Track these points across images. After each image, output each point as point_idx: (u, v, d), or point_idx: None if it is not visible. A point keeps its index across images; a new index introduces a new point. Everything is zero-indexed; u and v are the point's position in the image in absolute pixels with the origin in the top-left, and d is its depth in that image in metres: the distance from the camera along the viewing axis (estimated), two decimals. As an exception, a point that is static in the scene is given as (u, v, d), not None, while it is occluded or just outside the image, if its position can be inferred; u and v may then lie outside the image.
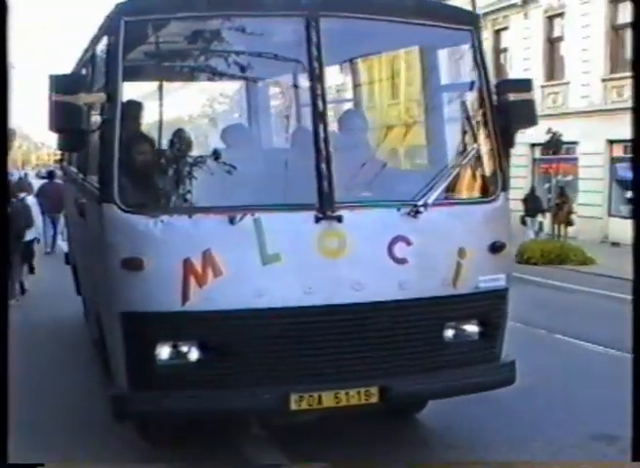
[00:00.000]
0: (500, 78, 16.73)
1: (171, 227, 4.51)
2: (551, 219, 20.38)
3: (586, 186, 21.84)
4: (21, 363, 5.66)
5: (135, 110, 5.22)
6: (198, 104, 6.39)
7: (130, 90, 4.87)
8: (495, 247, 4.96)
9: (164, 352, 4.57)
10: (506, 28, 25.38)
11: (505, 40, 25.53)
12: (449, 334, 4.95)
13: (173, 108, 5.25)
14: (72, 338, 8.45)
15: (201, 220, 4.54)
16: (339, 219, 4.59)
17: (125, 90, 4.67)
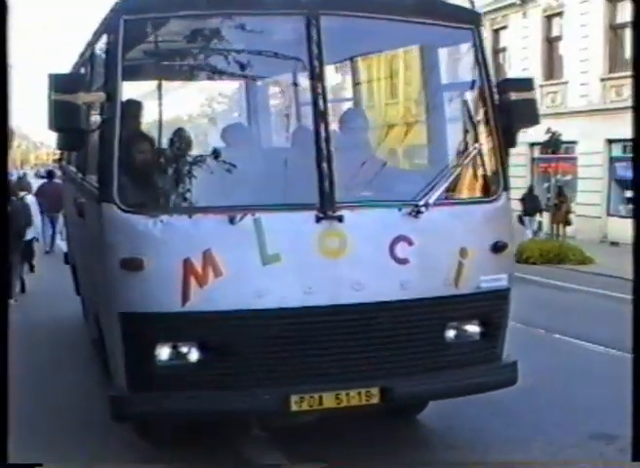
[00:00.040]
0: (499, 77, 16.70)
1: (171, 227, 4.49)
2: (550, 219, 20.39)
3: (585, 186, 21.82)
4: (21, 363, 5.63)
5: (134, 109, 5.19)
6: (198, 103, 6.39)
7: (129, 89, 4.84)
8: (497, 246, 4.95)
9: (164, 353, 4.55)
10: (505, 28, 25.33)
11: (504, 39, 25.47)
12: (450, 335, 4.94)
13: (173, 107, 5.24)
14: (72, 338, 8.43)
15: (201, 220, 4.52)
16: (339, 219, 4.57)
17: (124, 89, 4.65)
